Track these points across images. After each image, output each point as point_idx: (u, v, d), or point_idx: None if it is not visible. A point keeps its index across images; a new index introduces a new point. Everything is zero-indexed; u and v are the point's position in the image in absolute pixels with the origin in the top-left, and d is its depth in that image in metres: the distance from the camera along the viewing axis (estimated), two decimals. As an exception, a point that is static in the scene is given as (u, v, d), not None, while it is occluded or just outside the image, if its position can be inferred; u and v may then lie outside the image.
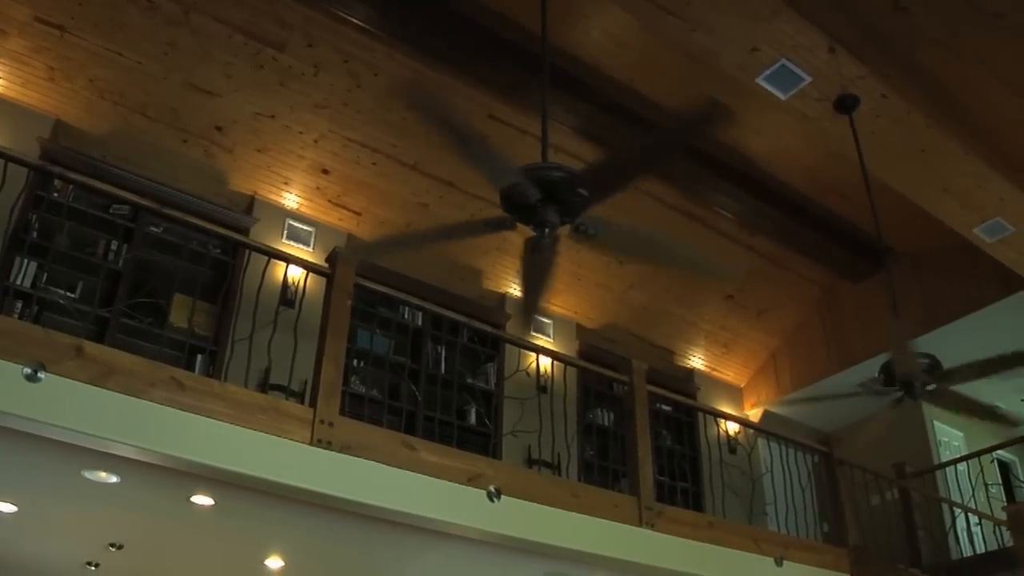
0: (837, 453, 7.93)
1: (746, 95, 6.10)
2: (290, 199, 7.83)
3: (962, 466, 9.04)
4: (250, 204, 7.70)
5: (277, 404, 5.05)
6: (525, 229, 4.12)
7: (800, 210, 8.51)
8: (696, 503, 8.95)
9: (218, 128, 7.30)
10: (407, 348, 7.75)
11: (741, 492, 7.75)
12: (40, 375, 4.31)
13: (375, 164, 7.71)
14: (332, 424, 5.13)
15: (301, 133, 7.41)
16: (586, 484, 6.87)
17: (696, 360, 10.13)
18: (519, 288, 8.89)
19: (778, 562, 6.86)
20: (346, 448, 5.12)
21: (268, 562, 6.33)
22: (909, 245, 8.66)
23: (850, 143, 5.88)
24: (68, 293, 6.43)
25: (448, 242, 4.68)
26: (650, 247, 4.59)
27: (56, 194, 6.47)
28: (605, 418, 8.93)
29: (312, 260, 6.43)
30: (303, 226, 7.88)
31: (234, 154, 7.47)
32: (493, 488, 5.57)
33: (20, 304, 6.27)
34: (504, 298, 8.90)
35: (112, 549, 6.06)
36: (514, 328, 8.61)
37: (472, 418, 7.91)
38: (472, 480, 5.53)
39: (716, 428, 8.74)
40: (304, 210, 7.92)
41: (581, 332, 9.30)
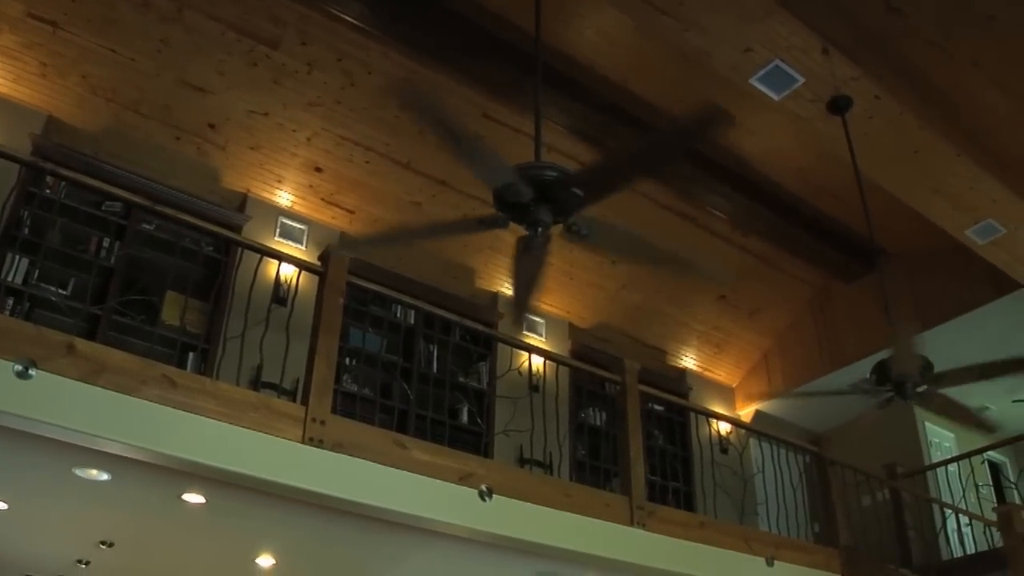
0: (828, 453, 7.95)
1: (739, 96, 6.10)
2: (283, 197, 7.82)
3: (953, 467, 9.06)
4: (243, 202, 7.69)
5: (269, 402, 5.04)
6: (518, 228, 4.12)
7: (792, 211, 8.52)
8: (687, 503, 8.96)
9: (211, 125, 7.28)
10: (399, 347, 7.74)
11: (732, 492, 7.75)
12: (31, 372, 4.30)
13: (368, 162, 7.70)
14: (324, 422, 5.12)
15: (294, 131, 7.40)
16: (578, 484, 6.89)
17: (688, 360, 10.14)
18: (511, 287, 8.90)
19: (769, 562, 6.88)
20: (338, 446, 5.11)
21: (259, 560, 6.32)
22: (901, 246, 8.67)
23: (843, 144, 5.88)
24: (60, 290, 6.42)
25: (441, 238, 4.67)
26: (641, 248, 4.59)
27: (48, 191, 6.46)
28: (597, 418, 8.94)
29: (305, 258, 6.43)
30: (296, 224, 7.87)
31: (227, 151, 7.45)
32: (484, 487, 5.57)
33: (11, 301, 6.26)
34: (496, 297, 8.89)
35: (103, 547, 6.06)
36: (506, 327, 8.60)
37: (464, 417, 7.91)
38: (464, 479, 5.53)
39: (708, 428, 8.76)
40: (297, 208, 7.91)
41: (573, 331, 9.30)
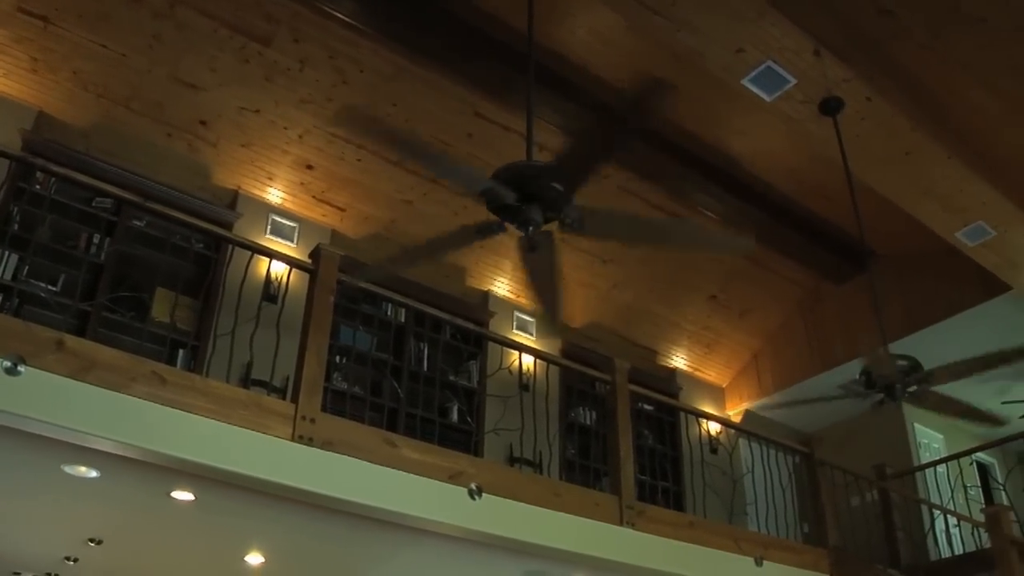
0: (818, 454, 7.97)
1: (731, 96, 6.13)
2: (274, 194, 7.81)
3: (941, 468, 9.09)
4: (234, 199, 7.67)
5: (259, 400, 5.03)
6: (512, 230, 4.13)
7: (784, 211, 8.54)
8: (677, 503, 8.98)
9: (202, 122, 7.27)
10: (390, 345, 7.74)
11: (722, 492, 7.77)
12: (20, 368, 4.28)
13: (360, 160, 7.69)
14: (314, 420, 5.11)
15: (286, 128, 7.39)
16: (567, 483, 6.89)
17: (678, 360, 10.15)
18: (503, 286, 8.90)
19: (758, 562, 6.89)
20: (327, 444, 5.11)
21: (248, 558, 6.31)
22: (892, 248, 8.69)
23: (834, 145, 5.90)
24: (49, 286, 6.39)
25: (441, 255, 4.67)
26: (647, 227, 4.60)
27: (38, 186, 6.44)
28: (587, 417, 8.94)
29: (295, 256, 6.41)
30: (287, 221, 7.86)
31: (218, 148, 7.44)
32: (474, 486, 5.57)
33: (0, 297, 6.23)
34: (487, 296, 8.89)
35: (91, 544, 6.04)
36: (497, 326, 8.61)
37: (454, 416, 7.91)
38: (453, 478, 5.53)
39: (698, 428, 8.77)
40: (288, 205, 7.90)
41: (564, 331, 9.30)
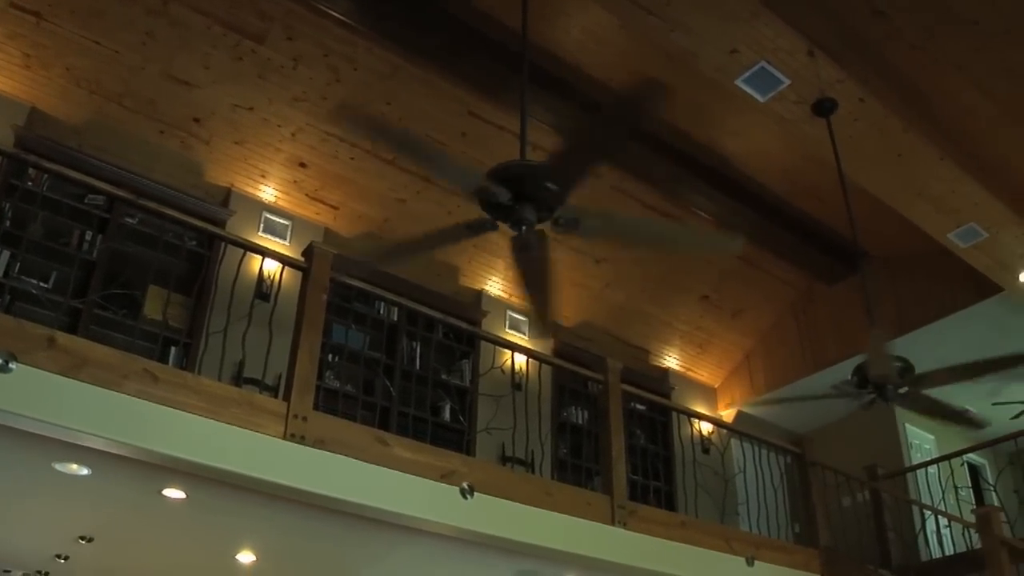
0: (809, 454, 7.99)
1: (725, 97, 6.13)
2: (267, 192, 7.80)
3: (933, 469, 9.10)
4: (227, 196, 7.66)
5: (251, 398, 5.03)
6: (504, 229, 4.13)
7: (776, 212, 8.55)
8: (669, 502, 8.98)
9: (195, 119, 7.25)
10: (382, 343, 7.73)
11: (714, 492, 7.78)
12: (11, 366, 4.27)
13: (353, 159, 7.69)
14: (306, 419, 5.11)
15: (279, 126, 7.38)
16: (559, 482, 6.89)
17: (671, 360, 10.16)
18: (496, 285, 8.90)
19: (749, 562, 6.90)
20: (319, 443, 5.10)
21: (240, 557, 6.30)
22: (884, 249, 8.71)
23: (827, 146, 5.90)
24: (41, 283, 6.38)
25: (431, 251, 4.67)
26: (639, 228, 4.61)
27: (30, 183, 6.41)
28: (579, 416, 8.94)
29: (288, 254, 6.40)
30: (280, 219, 7.85)
31: (211, 146, 7.43)
32: (466, 485, 5.57)
33: (-8, 293, 6.22)
34: (480, 295, 8.89)
35: (82, 542, 6.02)
36: (490, 325, 8.61)
37: (446, 415, 7.90)
38: (445, 477, 5.53)
39: (690, 428, 8.78)
40: (281, 203, 7.89)
41: (557, 330, 9.29)
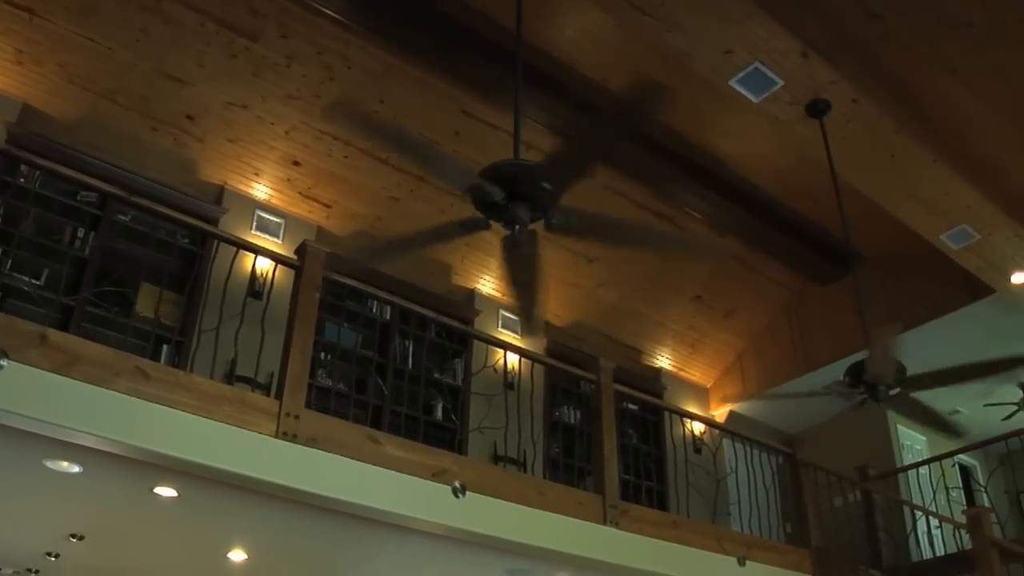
0: (801, 455, 8.00)
1: (719, 97, 6.13)
2: (260, 190, 7.78)
3: (924, 469, 9.13)
4: (220, 194, 7.65)
5: (243, 396, 5.02)
6: (497, 227, 4.13)
7: (769, 212, 8.57)
8: (661, 502, 8.99)
9: (189, 117, 7.24)
10: (375, 342, 7.73)
11: (705, 492, 7.78)
12: (2, 363, 4.25)
13: (346, 157, 7.68)
14: (298, 417, 5.10)
15: (273, 124, 7.37)
16: (551, 481, 6.89)
17: (663, 360, 10.17)
18: (489, 284, 8.90)
19: (741, 562, 6.91)
20: (311, 441, 5.10)
21: (231, 555, 6.30)
22: (877, 250, 8.73)
23: (820, 147, 5.92)
24: (33, 280, 6.36)
25: (423, 248, 4.67)
26: (629, 231, 4.61)
27: (23, 180, 6.39)
28: (572, 416, 8.95)
29: (281, 252, 6.40)
30: (273, 217, 7.84)
31: (204, 143, 7.41)
32: (458, 484, 5.56)
33: (-17, 290, 6.21)
34: (473, 294, 8.89)
35: (73, 540, 6.01)
36: (482, 324, 8.61)
37: (439, 413, 7.91)
38: (437, 475, 5.53)
39: (682, 428, 8.79)
40: (274, 201, 7.88)
41: (549, 330, 9.30)
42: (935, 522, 8.63)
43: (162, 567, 6.73)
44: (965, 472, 10.42)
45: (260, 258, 5.95)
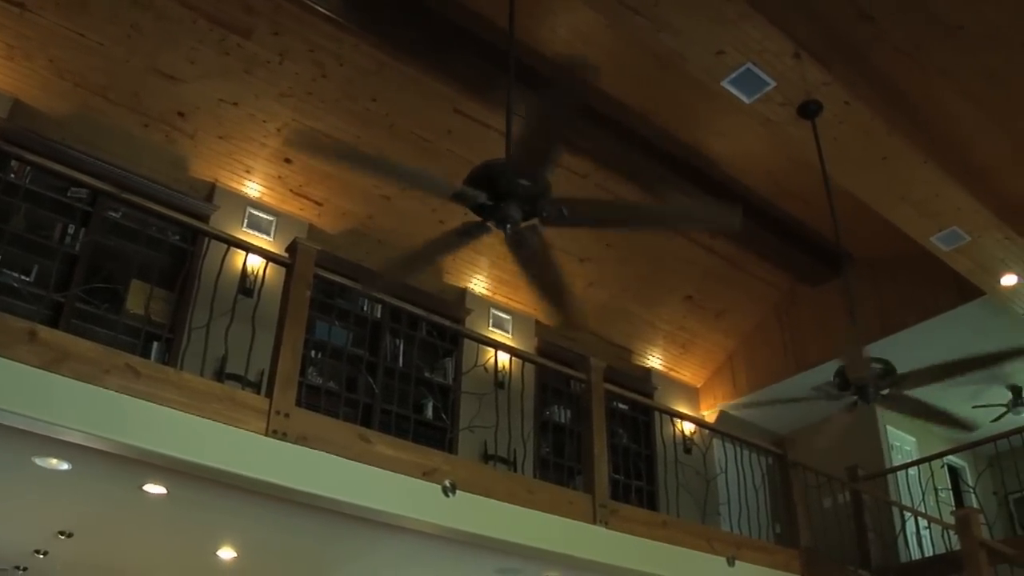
0: (791, 455, 8.01)
1: (711, 97, 6.14)
2: (251, 187, 7.77)
3: (913, 470, 9.15)
4: (211, 191, 7.63)
5: (233, 394, 5.01)
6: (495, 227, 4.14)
7: (761, 213, 8.57)
8: (650, 502, 9.00)
9: (180, 114, 7.22)
10: (365, 340, 7.72)
11: (695, 492, 7.80)
12: (-8, 359, 4.25)
13: (336, 161, 7.65)
14: (288, 415, 5.10)
15: (265, 121, 7.36)
16: (541, 481, 6.89)
17: (654, 360, 10.18)
18: (480, 283, 8.89)
19: (730, 562, 6.92)
20: (301, 439, 5.09)
21: (220, 553, 6.28)
22: (867, 251, 8.75)
23: (812, 148, 5.93)
24: (23, 276, 6.34)
25: (432, 258, 4.67)
26: (627, 210, 4.62)
27: (13, 175, 6.38)
28: (562, 415, 8.94)
29: (272, 250, 6.39)
30: (264, 215, 7.82)
31: (196, 140, 7.39)
32: (448, 483, 5.56)
33: (-27, 286, 6.18)
34: (464, 293, 8.88)
35: (61, 537, 5.99)
36: (473, 323, 8.60)
37: (429, 412, 7.90)
38: (427, 474, 5.52)
39: (672, 428, 8.80)
40: (265, 199, 7.86)
41: (540, 329, 9.30)
42: (924, 523, 8.66)
43: (151, 565, 6.71)
44: (954, 473, 10.45)
45: (251, 255, 5.94)
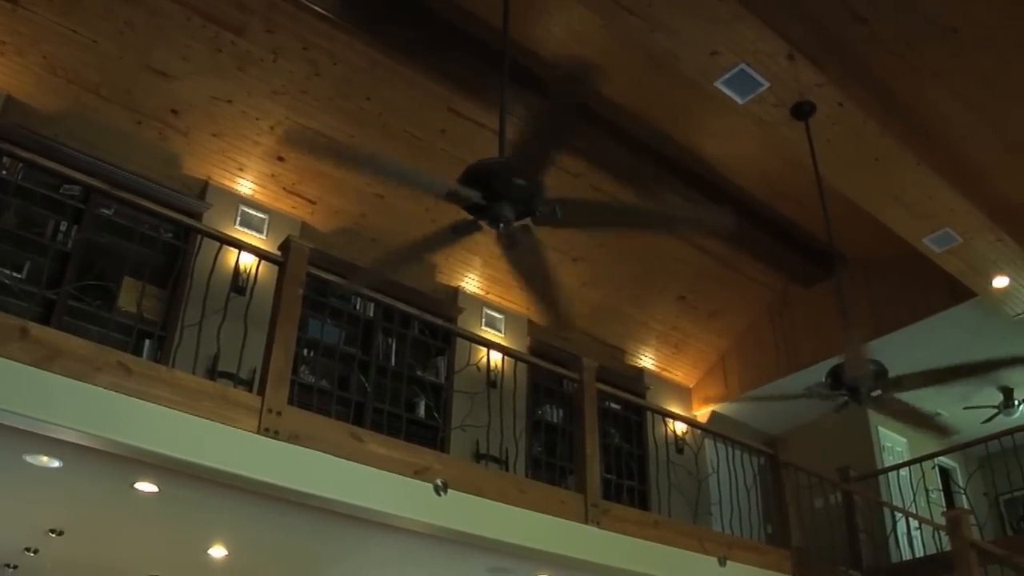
0: (782, 456, 8.02)
1: (704, 98, 6.15)
2: (244, 185, 7.75)
3: (904, 471, 9.17)
4: (203, 189, 7.62)
5: (225, 392, 5.00)
6: (485, 227, 4.14)
7: (754, 214, 8.58)
8: (642, 502, 9.00)
9: (173, 111, 7.20)
10: (358, 339, 7.71)
11: (687, 492, 7.81)
12: (-17, 356, 4.24)
13: (329, 160, 7.63)
14: (280, 413, 5.09)
15: (258, 119, 7.34)
16: (533, 480, 6.90)
17: (646, 359, 10.18)
18: (473, 282, 8.89)
19: (721, 562, 6.92)
20: (293, 438, 5.09)
21: (211, 551, 6.27)
22: (860, 252, 8.77)
23: (805, 149, 5.94)
24: (14, 273, 6.33)
25: (424, 254, 4.67)
26: (621, 212, 4.62)
27: (4, 172, 6.36)
28: (554, 415, 8.95)
29: (265, 248, 6.38)
30: (256, 213, 7.81)
31: (189, 138, 7.38)
32: (440, 481, 5.56)
33: (-36, 283, 6.16)
34: (457, 292, 8.88)
35: (52, 535, 5.97)
36: (466, 322, 8.60)
37: (421, 411, 7.89)
38: (419, 473, 5.52)
39: (664, 428, 8.80)
40: (258, 197, 7.85)
41: (532, 328, 9.30)
42: (915, 523, 8.67)
43: (142, 563, 6.69)
44: (945, 474, 10.48)
45: (244, 253, 5.93)
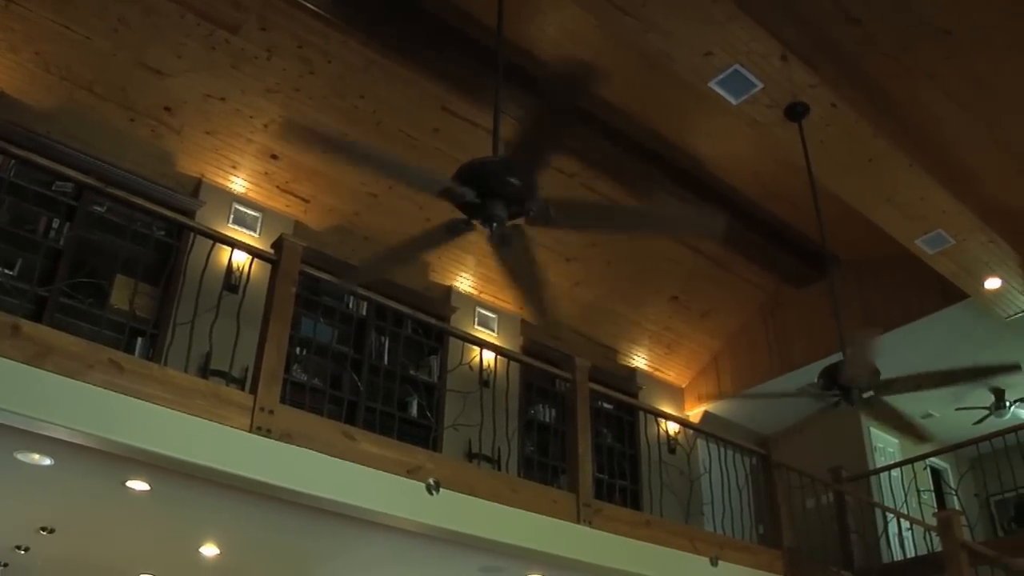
0: (775, 456, 8.04)
1: (698, 98, 6.15)
2: (238, 183, 7.74)
3: (896, 472, 9.20)
4: (197, 187, 7.60)
5: (217, 390, 5.00)
6: (478, 226, 4.14)
7: (747, 214, 8.59)
8: (634, 502, 9.01)
9: (167, 108, 7.19)
10: (350, 338, 7.70)
11: (679, 492, 7.81)
12: (-26, 353, 4.23)
13: (325, 152, 7.63)
14: (272, 412, 5.09)
15: (251, 117, 7.33)
16: (525, 479, 6.89)
17: (639, 359, 10.19)
18: (466, 281, 8.89)
19: (713, 562, 6.93)
20: (286, 436, 5.08)
21: (203, 549, 6.26)
22: (853, 253, 8.78)
23: (798, 150, 5.95)
24: (6, 270, 6.31)
25: (418, 253, 4.67)
26: (614, 213, 4.62)
27: (-3, 169, 6.35)
28: (547, 414, 8.95)
29: (258, 246, 6.37)
30: (250, 211, 7.80)
31: (182, 135, 7.37)
32: (432, 481, 5.56)
33: (-44, 280, 6.15)
34: (450, 291, 8.88)
35: (43, 533, 5.96)
36: (459, 321, 8.60)
37: (414, 410, 7.89)
38: (411, 472, 5.52)
39: (656, 428, 8.81)
40: (252, 195, 7.84)
41: (525, 328, 9.31)
42: (906, 524, 8.69)
43: (133, 561, 6.68)
44: (936, 475, 10.50)
45: (237, 252, 5.92)
